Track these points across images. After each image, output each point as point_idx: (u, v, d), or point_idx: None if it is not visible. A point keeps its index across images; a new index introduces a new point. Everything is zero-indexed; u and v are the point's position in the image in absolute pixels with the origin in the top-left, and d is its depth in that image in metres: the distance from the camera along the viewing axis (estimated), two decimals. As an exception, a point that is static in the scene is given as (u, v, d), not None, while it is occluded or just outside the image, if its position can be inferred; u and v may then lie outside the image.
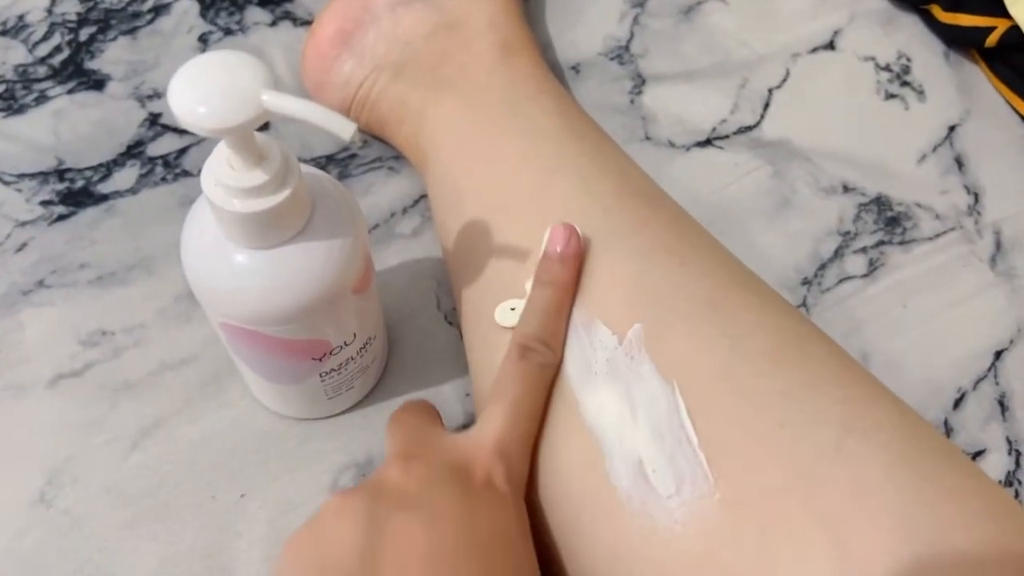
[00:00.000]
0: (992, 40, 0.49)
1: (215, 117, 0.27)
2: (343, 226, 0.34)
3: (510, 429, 0.33)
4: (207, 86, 0.27)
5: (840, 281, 0.46)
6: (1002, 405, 0.43)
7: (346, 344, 0.38)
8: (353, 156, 0.50)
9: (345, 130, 0.28)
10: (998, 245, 0.47)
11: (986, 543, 0.27)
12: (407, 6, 0.46)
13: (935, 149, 0.49)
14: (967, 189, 0.48)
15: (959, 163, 0.49)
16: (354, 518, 0.29)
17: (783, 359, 0.32)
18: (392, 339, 0.44)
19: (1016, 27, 0.47)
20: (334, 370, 0.39)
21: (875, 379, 0.33)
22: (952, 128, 0.50)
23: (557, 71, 0.52)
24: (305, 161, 0.49)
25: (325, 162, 0.50)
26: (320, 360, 0.37)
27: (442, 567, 0.28)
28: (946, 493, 0.28)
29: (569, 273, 0.36)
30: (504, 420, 0.33)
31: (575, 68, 0.52)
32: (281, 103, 0.27)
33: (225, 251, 0.32)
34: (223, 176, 0.30)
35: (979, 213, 0.48)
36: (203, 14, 0.54)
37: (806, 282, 0.46)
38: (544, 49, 0.51)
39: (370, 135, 0.49)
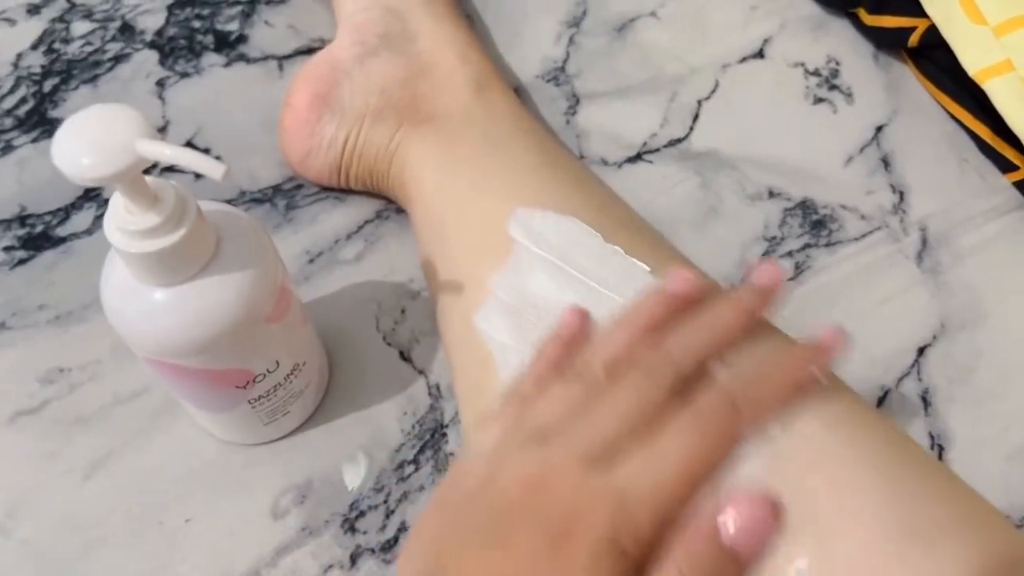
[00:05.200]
0: (914, 39, 0.50)
1: (95, 168, 0.29)
2: (252, 259, 0.36)
3: None
4: (86, 139, 0.29)
5: (767, 286, 0.46)
6: (924, 400, 0.43)
7: (270, 371, 0.39)
8: (299, 187, 0.52)
9: (215, 170, 0.30)
10: (924, 242, 0.47)
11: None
12: (375, 56, 0.47)
13: (862, 150, 0.50)
14: (893, 188, 0.49)
15: (885, 163, 0.49)
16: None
17: None
18: (333, 362, 0.46)
19: (935, 25, 0.48)
20: (263, 397, 0.40)
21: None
22: (879, 128, 0.51)
23: (494, 95, 0.54)
24: (252, 193, 0.52)
25: (272, 193, 0.52)
26: (245, 388, 0.39)
27: None
28: (924, 496, 0.28)
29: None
30: None
31: (515, 90, 0.54)
32: (155, 149, 0.29)
33: (136, 290, 0.34)
34: (121, 220, 0.32)
35: (904, 211, 0.48)
36: (162, 61, 0.56)
37: (734, 289, 0.46)
38: (479, 74, 0.53)
39: (361, 190, 0.50)
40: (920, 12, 0.48)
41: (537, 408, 0.30)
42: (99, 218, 0.51)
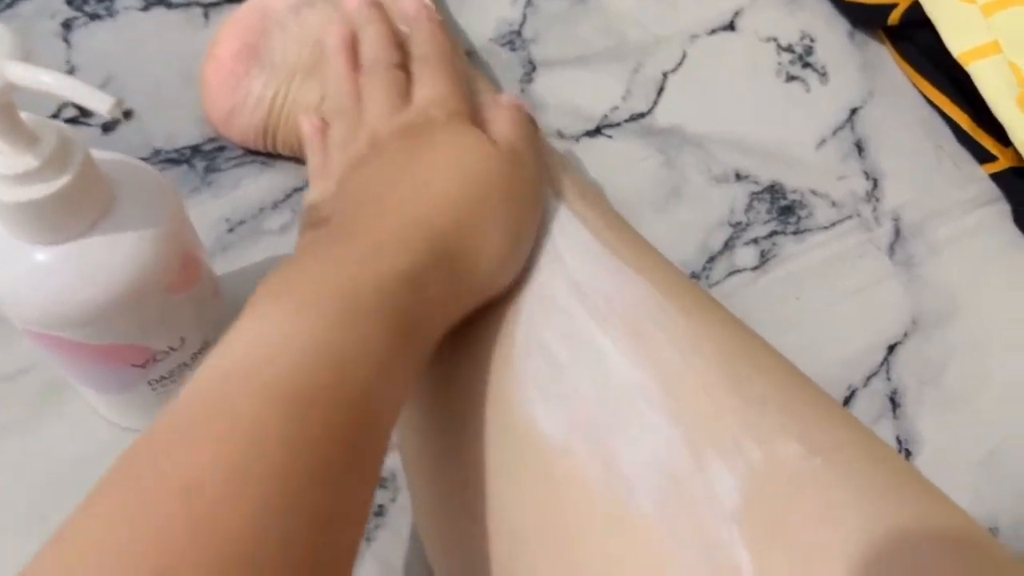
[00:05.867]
0: (895, 17, 0.46)
1: (-51, 93, 0.24)
2: (153, 217, 0.31)
3: None
4: (-59, 59, 0.24)
5: (729, 274, 0.43)
6: (893, 402, 0.40)
7: (173, 349, 0.34)
8: (222, 148, 0.47)
9: (102, 103, 0.25)
10: (897, 232, 0.44)
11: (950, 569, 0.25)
12: (311, 7, 0.43)
13: (835, 133, 0.47)
14: (866, 174, 0.46)
15: (859, 147, 0.46)
16: None
17: (735, 374, 0.29)
18: (251, 342, 0.41)
19: (918, 3, 0.45)
20: (165, 378, 0.35)
21: (825, 393, 0.31)
22: (854, 111, 0.48)
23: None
24: (167, 152, 0.46)
25: (190, 153, 0.46)
26: (143, 367, 0.34)
27: None
28: (909, 517, 0.26)
29: None
30: None
31: (467, 55, 0.50)
32: (28, 75, 0.24)
33: (13, 249, 0.29)
34: (-10, 162, 0.27)
35: (878, 199, 0.45)
36: (69, 0, 0.51)
37: (693, 276, 0.43)
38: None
39: (289, 155, 0.46)
40: (901, -11, 0.45)
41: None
42: (-9, 171, 0.45)
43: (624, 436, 0.28)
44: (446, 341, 0.30)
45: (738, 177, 0.45)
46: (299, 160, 0.46)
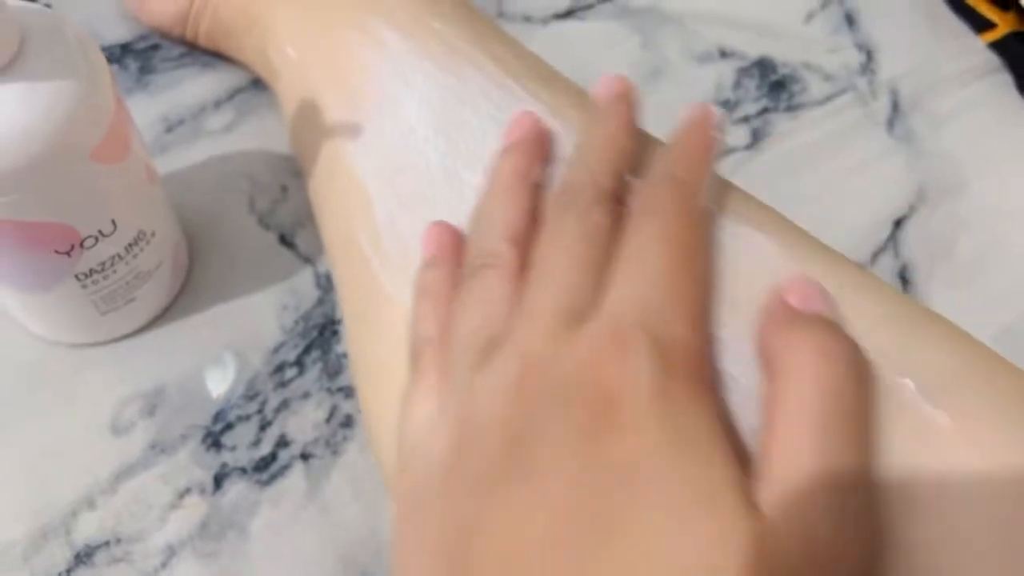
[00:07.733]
0: None
1: None
2: (72, 70, 0.27)
3: None
4: None
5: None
6: (903, 279, 0.37)
7: (103, 234, 0.30)
8: (156, 47, 0.42)
9: None
10: (895, 106, 0.41)
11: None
12: None
13: (824, 6, 0.44)
14: (859, 47, 0.42)
15: (849, 19, 0.43)
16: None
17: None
18: (195, 246, 0.37)
19: None
20: (95, 271, 0.31)
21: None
22: (840, -16, 0.45)
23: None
24: (94, 52, 0.42)
25: (120, 53, 0.42)
26: (69, 254, 0.30)
27: None
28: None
29: None
30: None
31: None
32: None
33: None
34: None
35: (873, 72, 0.42)
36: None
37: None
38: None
39: (213, 51, 0.41)
40: None
41: (461, 322, 0.24)
42: None
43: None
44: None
45: (723, 54, 0.42)
46: (232, 60, 0.41)
